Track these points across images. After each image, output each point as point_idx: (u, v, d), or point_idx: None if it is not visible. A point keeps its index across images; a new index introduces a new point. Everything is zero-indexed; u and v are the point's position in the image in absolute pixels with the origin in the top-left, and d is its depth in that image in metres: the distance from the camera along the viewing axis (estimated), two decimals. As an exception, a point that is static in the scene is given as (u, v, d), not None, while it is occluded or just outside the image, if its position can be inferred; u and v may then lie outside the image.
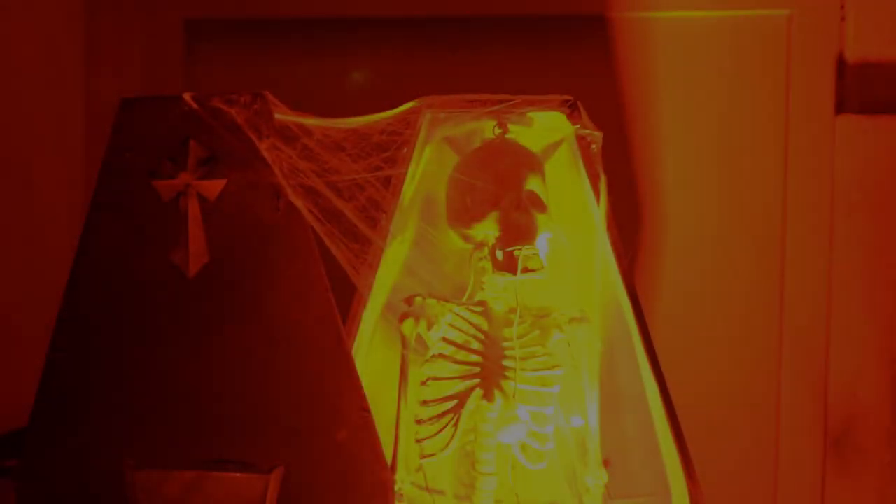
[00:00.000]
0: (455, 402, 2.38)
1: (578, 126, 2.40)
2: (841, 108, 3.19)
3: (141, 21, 3.42)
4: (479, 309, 2.42)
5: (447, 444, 2.38)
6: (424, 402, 2.40)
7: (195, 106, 2.35)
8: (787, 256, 3.20)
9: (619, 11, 3.19)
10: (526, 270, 2.36)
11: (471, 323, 2.40)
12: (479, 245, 2.41)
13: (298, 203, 2.32)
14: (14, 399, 3.10)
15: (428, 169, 2.50)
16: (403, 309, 2.42)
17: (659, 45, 3.21)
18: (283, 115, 2.34)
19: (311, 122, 2.35)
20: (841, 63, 3.19)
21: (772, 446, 3.20)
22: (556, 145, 2.53)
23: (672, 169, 3.21)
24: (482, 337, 2.40)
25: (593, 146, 2.40)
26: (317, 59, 3.27)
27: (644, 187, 3.16)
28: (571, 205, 2.51)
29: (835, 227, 3.18)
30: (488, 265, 2.40)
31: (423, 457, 2.41)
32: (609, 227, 2.42)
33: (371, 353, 2.53)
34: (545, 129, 2.51)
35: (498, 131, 2.44)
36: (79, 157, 3.43)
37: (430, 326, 2.40)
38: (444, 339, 2.40)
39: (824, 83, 3.19)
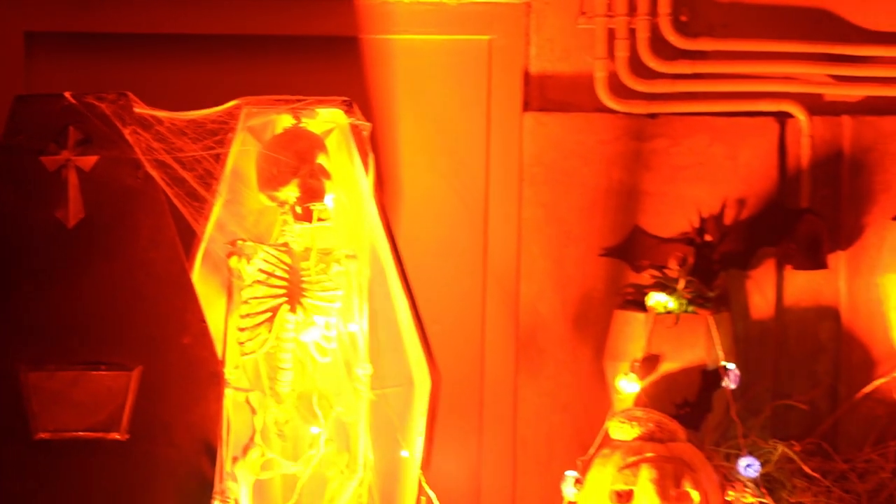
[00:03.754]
0: (269, 314, 2.80)
1: (353, 119, 2.88)
2: (527, 107, 3.50)
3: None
4: (283, 248, 2.83)
5: (264, 344, 2.82)
6: (246, 315, 2.79)
7: (74, 101, 2.71)
8: (490, 213, 3.50)
9: (365, 34, 3.44)
10: (319, 220, 2.84)
11: (278, 258, 2.81)
12: (282, 203, 2.86)
13: (153, 173, 2.69)
14: None
15: (238, 149, 2.91)
16: (228, 249, 2.80)
17: (396, 60, 3.46)
18: (140, 109, 2.71)
19: (162, 114, 2.72)
20: (526, 75, 3.50)
21: (479, 349, 3.51)
22: (329, 131, 2.97)
23: (406, 151, 3.47)
24: (286, 268, 2.82)
25: (364, 132, 2.88)
26: (140, 68, 3.40)
27: (385, 167, 3.38)
28: (344, 174, 2.97)
29: (523, 192, 3.50)
30: (289, 217, 2.85)
31: (244, 354, 2.81)
32: (375, 190, 2.90)
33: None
34: (323, 120, 2.96)
35: (293, 121, 2.91)
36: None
37: (248, 261, 2.81)
38: (260, 270, 2.81)
39: (514, 89, 3.49)
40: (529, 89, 3.54)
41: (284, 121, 2.91)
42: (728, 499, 3.16)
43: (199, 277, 2.81)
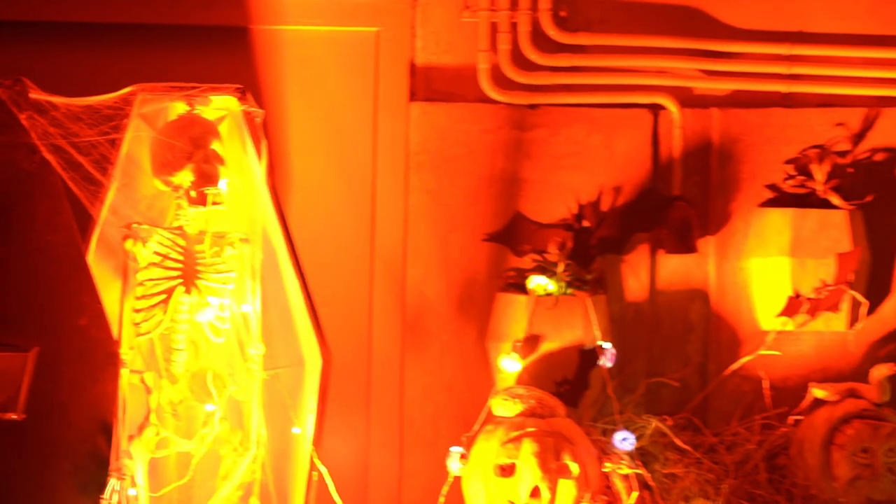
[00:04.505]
0: (164, 295, 2.83)
1: (246, 106, 2.92)
2: (413, 97, 3.55)
3: None
4: (178, 231, 2.86)
5: (159, 325, 2.85)
6: (141, 297, 2.81)
7: (-31, 87, 2.71)
8: (377, 199, 3.55)
9: (257, 24, 3.47)
10: (213, 204, 2.88)
11: (173, 241, 2.85)
12: (177, 187, 2.89)
13: (49, 157, 2.70)
14: None
15: (132, 134, 2.93)
16: (124, 232, 2.82)
17: (287, 50, 3.49)
18: (36, 94, 2.72)
19: (58, 99, 2.72)
20: (412, 66, 3.56)
21: (366, 332, 3.56)
22: (221, 118, 3.00)
23: (295, 139, 3.49)
24: (181, 250, 2.85)
25: (257, 119, 2.92)
26: (36, 55, 3.37)
27: (275, 154, 3.17)
28: (236, 160, 2.99)
29: (409, 179, 3.55)
30: (184, 201, 2.88)
31: (140, 335, 2.84)
32: (267, 176, 2.94)
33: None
34: (216, 107, 2.99)
35: (187, 108, 2.93)
36: None
37: (144, 244, 2.84)
38: (155, 253, 2.84)
39: (401, 80, 3.55)
40: (416, 80, 3.60)
41: (178, 108, 2.94)
42: (605, 470, 3.28)
43: (95, 260, 2.83)
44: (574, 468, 3.18)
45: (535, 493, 3.16)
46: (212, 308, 2.87)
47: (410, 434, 3.58)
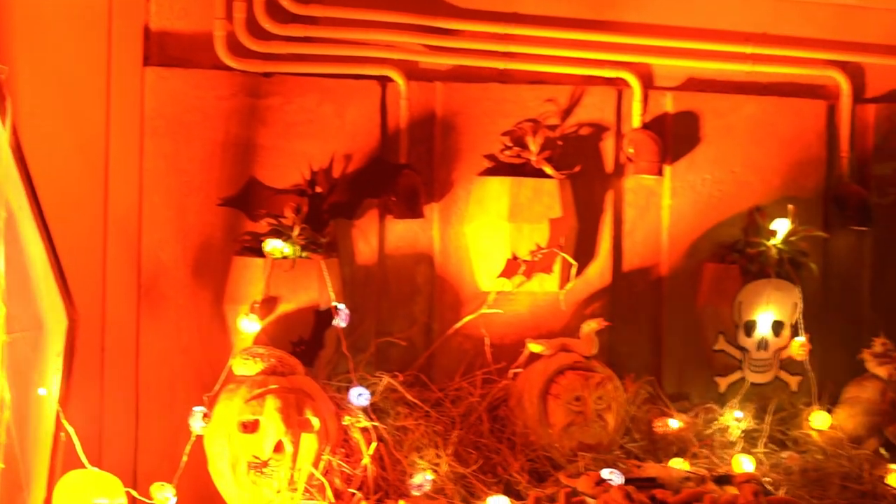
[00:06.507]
0: None
1: None
2: (147, 62, 3.50)
3: None
4: None
5: None
6: None
7: None
8: (111, 164, 3.47)
9: None
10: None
11: None
12: None
13: None
14: None
15: None
16: None
17: (15, 10, 3.32)
18: None
19: None
20: (147, 31, 3.51)
21: (99, 296, 3.46)
22: None
23: (24, 101, 3.24)
24: None
25: (2, 76, 2.82)
26: None
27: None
28: None
29: (144, 144, 3.50)
30: None
31: None
32: (12, 136, 2.84)
33: None
34: None
35: (-78, 65, 2.80)
36: None
37: None
38: None
39: (135, 44, 3.48)
40: (150, 45, 3.55)
41: (-89, 63, 2.80)
42: (345, 423, 3.38)
43: None
44: (315, 422, 3.26)
45: (278, 447, 3.22)
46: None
47: (146, 398, 3.55)
